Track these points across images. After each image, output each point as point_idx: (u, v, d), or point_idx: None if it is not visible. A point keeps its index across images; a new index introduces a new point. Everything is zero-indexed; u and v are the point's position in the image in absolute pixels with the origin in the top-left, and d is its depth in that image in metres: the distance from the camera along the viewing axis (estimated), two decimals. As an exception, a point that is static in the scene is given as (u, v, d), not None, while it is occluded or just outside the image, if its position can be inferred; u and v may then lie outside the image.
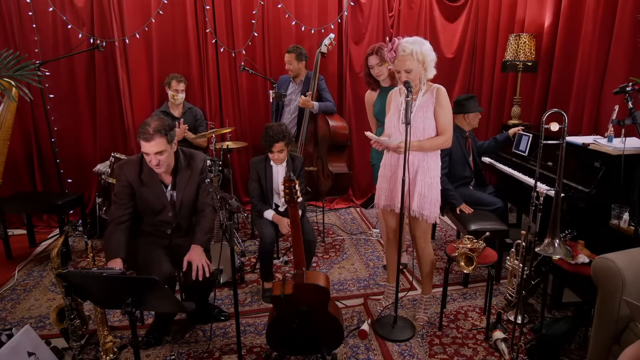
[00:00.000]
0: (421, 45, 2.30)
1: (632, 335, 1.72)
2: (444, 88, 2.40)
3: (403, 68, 2.30)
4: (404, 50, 2.27)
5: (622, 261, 1.80)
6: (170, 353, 2.37)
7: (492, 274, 2.55)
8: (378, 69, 2.96)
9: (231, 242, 1.94)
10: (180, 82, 3.76)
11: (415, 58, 2.28)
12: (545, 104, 3.83)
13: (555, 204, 1.99)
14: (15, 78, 2.54)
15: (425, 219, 2.45)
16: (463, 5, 4.53)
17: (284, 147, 2.79)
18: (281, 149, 2.78)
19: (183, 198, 2.38)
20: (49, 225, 4.17)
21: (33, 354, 2.06)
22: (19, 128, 3.95)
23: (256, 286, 3.07)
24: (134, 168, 2.31)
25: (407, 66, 2.28)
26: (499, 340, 2.36)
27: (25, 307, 2.84)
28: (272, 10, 4.24)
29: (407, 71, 2.30)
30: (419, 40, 2.32)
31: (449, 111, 2.40)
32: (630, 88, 2.11)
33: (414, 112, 2.37)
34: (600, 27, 3.19)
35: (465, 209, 3.11)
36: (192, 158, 2.40)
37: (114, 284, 1.73)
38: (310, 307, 2.13)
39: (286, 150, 2.85)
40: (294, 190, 2.03)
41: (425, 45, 2.32)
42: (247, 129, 4.47)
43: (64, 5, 3.87)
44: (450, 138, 2.42)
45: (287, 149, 2.87)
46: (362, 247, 3.75)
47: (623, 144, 2.47)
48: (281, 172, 2.90)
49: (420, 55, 2.29)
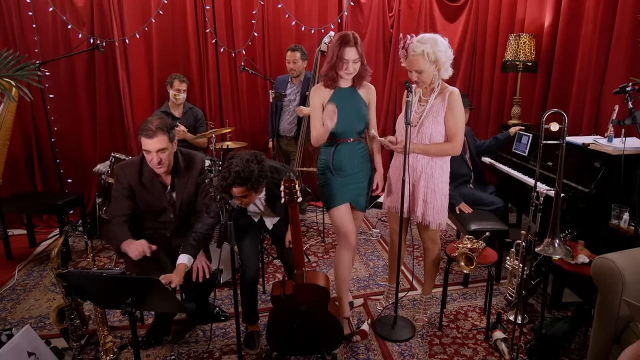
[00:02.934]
0: (434, 46, 2.19)
1: (632, 335, 1.72)
2: (457, 92, 2.28)
3: (413, 68, 2.24)
4: (414, 51, 2.19)
5: (622, 261, 1.80)
6: (170, 353, 2.37)
7: (492, 274, 2.55)
8: (353, 65, 2.24)
9: (231, 242, 1.93)
10: (182, 82, 3.76)
11: (426, 59, 2.19)
12: (545, 104, 3.83)
13: (555, 204, 1.99)
14: (15, 78, 2.54)
15: (429, 226, 2.41)
16: (463, 5, 4.53)
17: (246, 192, 2.05)
18: (244, 194, 2.05)
19: (183, 199, 2.37)
20: (49, 225, 4.17)
21: (33, 354, 2.05)
22: (19, 128, 3.95)
23: (256, 286, 3.07)
24: (135, 170, 2.30)
25: (417, 66, 2.21)
26: (499, 340, 2.36)
27: (25, 307, 2.84)
28: (272, 10, 4.24)
29: (417, 72, 2.24)
30: (432, 40, 2.20)
31: (461, 117, 2.28)
32: (630, 88, 2.11)
33: (424, 115, 2.31)
34: (600, 27, 3.19)
35: (465, 208, 3.11)
36: (190, 158, 2.40)
37: (114, 284, 1.73)
38: (310, 307, 2.13)
39: (254, 195, 2.12)
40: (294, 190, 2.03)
41: (439, 46, 2.20)
42: (247, 129, 4.47)
43: (64, 5, 3.87)
44: (460, 146, 2.30)
45: (255, 194, 2.14)
46: (362, 247, 3.74)
47: (623, 144, 2.47)
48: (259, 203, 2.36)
49: (432, 56, 2.19)
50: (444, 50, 2.22)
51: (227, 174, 1.98)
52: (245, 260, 2.41)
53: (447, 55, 2.23)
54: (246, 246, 2.43)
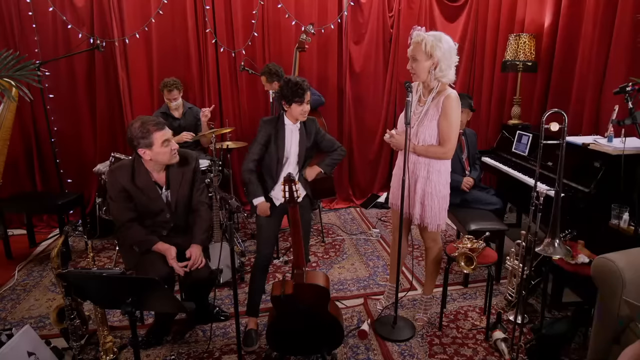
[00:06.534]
0: (437, 40, 2.17)
1: (632, 335, 1.72)
2: (454, 95, 2.25)
3: (410, 54, 2.26)
4: (417, 37, 2.21)
5: (622, 261, 1.80)
6: (170, 353, 2.37)
7: (492, 273, 2.55)
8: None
9: (231, 242, 1.94)
10: (171, 91, 3.68)
11: (423, 49, 2.18)
12: (545, 104, 3.83)
13: (555, 204, 1.99)
14: (15, 78, 2.54)
15: (427, 227, 2.42)
16: (463, 5, 4.53)
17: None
18: (309, 99, 2.40)
19: (178, 198, 2.38)
20: (49, 225, 4.17)
21: (33, 354, 2.06)
22: (19, 128, 3.95)
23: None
24: (127, 172, 2.28)
25: (413, 53, 2.23)
26: (499, 340, 2.36)
27: (25, 307, 2.84)
28: (272, 10, 4.24)
29: (412, 58, 2.25)
30: (437, 35, 2.20)
31: (455, 121, 2.25)
32: (630, 88, 2.11)
33: (420, 117, 2.32)
34: (600, 27, 3.19)
35: (468, 182, 3.17)
36: (184, 157, 2.41)
37: (114, 284, 1.73)
38: (310, 307, 2.13)
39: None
40: (294, 190, 2.03)
41: (443, 44, 2.18)
42: (247, 129, 4.46)
43: (64, 5, 3.87)
44: (451, 150, 2.29)
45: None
46: (362, 247, 3.74)
47: (623, 144, 2.47)
48: (295, 135, 2.47)
49: (429, 47, 2.17)
50: (445, 48, 2.19)
51: (297, 80, 2.33)
52: (259, 244, 2.50)
53: (447, 56, 2.20)
54: (263, 230, 2.48)
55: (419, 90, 2.39)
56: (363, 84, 4.62)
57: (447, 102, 2.24)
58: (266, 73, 3.69)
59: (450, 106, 2.23)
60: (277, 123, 2.45)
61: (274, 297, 2.10)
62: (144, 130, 2.16)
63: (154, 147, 2.19)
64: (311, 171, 2.55)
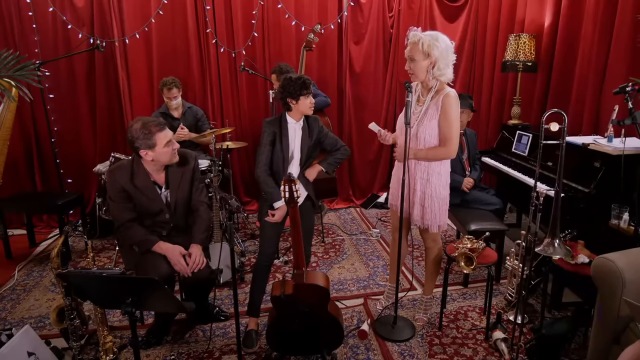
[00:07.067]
0: (434, 40, 2.18)
1: (632, 335, 1.72)
2: (453, 94, 2.25)
3: (407, 54, 2.27)
4: (414, 37, 2.22)
5: (622, 261, 1.80)
6: (170, 353, 2.37)
7: (492, 274, 2.55)
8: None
9: (231, 242, 1.94)
10: (170, 89, 3.68)
11: (420, 48, 2.19)
12: (545, 104, 3.83)
13: (555, 204, 1.99)
14: (15, 78, 2.54)
15: (427, 229, 2.42)
16: (463, 5, 4.53)
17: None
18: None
19: (177, 198, 2.38)
20: (49, 225, 4.17)
21: (33, 354, 2.06)
22: (19, 128, 3.95)
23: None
24: (125, 173, 2.27)
25: (410, 53, 2.24)
26: (499, 340, 2.36)
27: (25, 307, 2.84)
28: (272, 10, 4.24)
29: (410, 59, 2.26)
30: (433, 34, 2.21)
31: (455, 121, 2.24)
32: (630, 88, 2.11)
33: (419, 117, 2.31)
34: (600, 27, 3.19)
35: (468, 183, 3.17)
36: (183, 156, 2.40)
37: (114, 284, 1.73)
38: (310, 307, 2.13)
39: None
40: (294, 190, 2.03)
41: (440, 43, 2.19)
42: (247, 129, 4.47)
43: (64, 6, 3.87)
44: (453, 150, 2.28)
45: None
46: (362, 247, 3.74)
47: (623, 144, 2.47)
48: (298, 133, 2.45)
49: (426, 47, 2.18)
50: (442, 47, 2.20)
51: (299, 76, 2.34)
52: (261, 243, 2.49)
53: (444, 54, 2.21)
54: (267, 229, 2.46)
55: (418, 90, 2.40)
56: (363, 84, 4.62)
57: (446, 100, 2.24)
58: (277, 71, 3.69)
59: (449, 105, 2.23)
60: (279, 122, 2.44)
61: (274, 297, 2.10)
62: (146, 131, 2.15)
63: (156, 147, 2.19)
64: (312, 170, 2.52)
